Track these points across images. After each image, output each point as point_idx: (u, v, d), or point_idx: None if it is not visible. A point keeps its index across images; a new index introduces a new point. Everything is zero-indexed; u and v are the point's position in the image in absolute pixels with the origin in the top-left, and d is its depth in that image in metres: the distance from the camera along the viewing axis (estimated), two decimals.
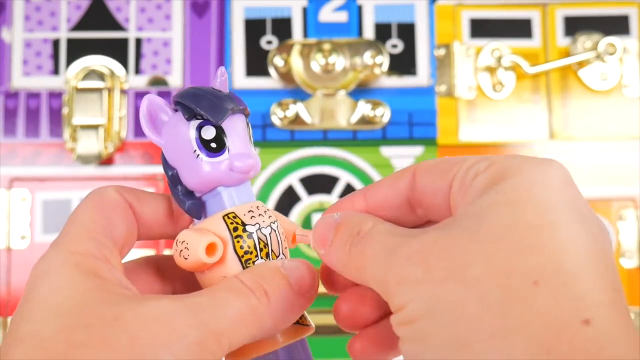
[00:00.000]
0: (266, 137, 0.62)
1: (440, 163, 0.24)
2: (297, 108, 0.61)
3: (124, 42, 0.63)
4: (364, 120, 0.62)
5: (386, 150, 0.62)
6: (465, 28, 0.64)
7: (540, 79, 0.64)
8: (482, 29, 0.64)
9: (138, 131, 0.62)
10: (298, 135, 0.62)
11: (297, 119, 0.62)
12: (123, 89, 0.62)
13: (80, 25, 0.63)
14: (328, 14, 0.64)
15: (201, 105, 0.25)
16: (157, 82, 0.63)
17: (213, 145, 0.25)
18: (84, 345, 0.20)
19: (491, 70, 0.63)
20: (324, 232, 0.25)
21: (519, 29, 0.65)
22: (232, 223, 0.25)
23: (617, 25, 0.65)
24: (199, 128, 0.25)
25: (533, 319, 0.18)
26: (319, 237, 0.25)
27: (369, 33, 0.64)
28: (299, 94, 0.62)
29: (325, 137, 0.62)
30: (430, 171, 0.24)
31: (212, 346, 0.21)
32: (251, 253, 0.25)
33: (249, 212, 0.25)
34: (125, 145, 0.62)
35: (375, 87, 0.63)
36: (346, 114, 0.62)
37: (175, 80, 0.63)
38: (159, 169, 0.62)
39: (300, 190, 0.62)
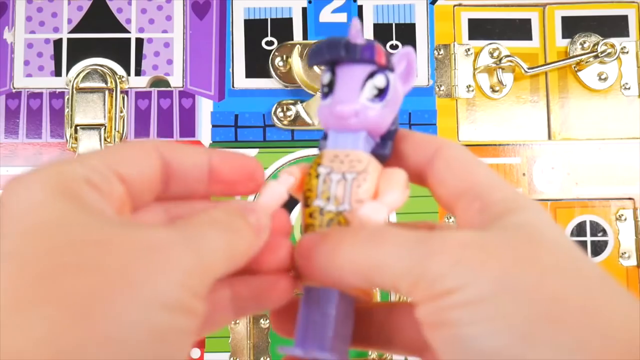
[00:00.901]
0: (267, 138, 0.62)
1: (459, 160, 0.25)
2: (297, 108, 0.62)
3: (125, 43, 0.63)
4: None
5: None
6: (464, 29, 0.65)
7: (539, 80, 0.64)
8: (481, 29, 0.65)
9: (139, 131, 0.62)
10: (298, 136, 0.62)
11: (297, 120, 0.62)
12: (124, 90, 0.63)
13: (81, 26, 0.63)
14: (328, 15, 0.64)
15: (312, 51, 0.26)
16: (158, 82, 0.63)
17: (325, 89, 0.26)
18: (73, 268, 0.18)
19: (490, 70, 0.63)
20: (313, 241, 0.24)
21: (518, 29, 0.65)
22: (316, 162, 0.26)
23: (615, 26, 0.65)
24: (324, 73, 0.26)
25: (610, 313, 0.19)
26: (306, 247, 0.24)
27: (368, 34, 0.64)
28: (300, 95, 0.62)
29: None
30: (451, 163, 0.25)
31: (205, 277, 0.20)
32: (312, 192, 0.25)
33: (335, 157, 0.26)
34: None
35: None
36: None
37: (176, 81, 0.63)
38: None
39: None
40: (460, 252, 0.20)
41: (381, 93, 0.26)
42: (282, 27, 0.64)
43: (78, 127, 0.60)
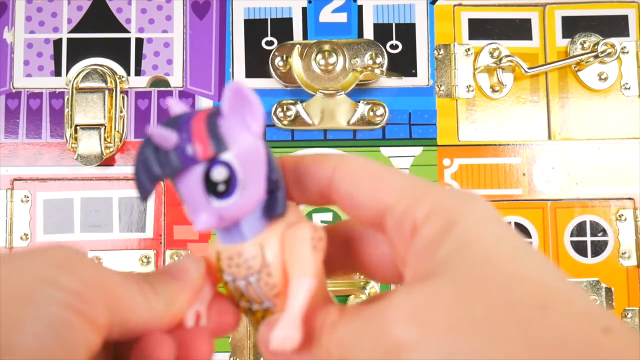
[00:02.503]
0: (266, 138, 0.62)
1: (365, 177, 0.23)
2: (297, 108, 0.62)
3: (125, 43, 0.63)
4: (364, 121, 0.62)
5: (386, 151, 0.63)
6: (464, 29, 0.65)
7: (539, 80, 0.64)
8: (481, 29, 0.65)
9: (139, 131, 0.62)
10: (298, 136, 0.62)
11: (297, 120, 0.62)
12: (124, 90, 0.63)
13: (81, 26, 0.63)
14: (328, 15, 0.64)
15: (135, 184, 0.23)
16: (158, 82, 0.63)
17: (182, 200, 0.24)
18: None
19: (490, 70, 0.63)
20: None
21: (518, 29, 0.65)
22: (219, 268, 0.24)
23: (615, 26, 0.65)
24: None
25: (555, 338, 0.18)
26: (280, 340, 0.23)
27: (368, 34, 0.64)
28: (300, 95, 0.62)
29: (326, 138, 0.62)
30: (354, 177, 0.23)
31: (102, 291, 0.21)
32: (232, 295, 0.25)
33: (230, 260, 0.24)
34: (126, 146, 0.62)
35: (375, 87, 0.63)
36: (346, 114, 0.62)
37: (176, 81, 0.63)
38: None
39: None
40: (398, 332, 0.19)
41: (230, 181, 0.22)
42: (282, 27, 0.64)
43: (78, 127, 0.60)
